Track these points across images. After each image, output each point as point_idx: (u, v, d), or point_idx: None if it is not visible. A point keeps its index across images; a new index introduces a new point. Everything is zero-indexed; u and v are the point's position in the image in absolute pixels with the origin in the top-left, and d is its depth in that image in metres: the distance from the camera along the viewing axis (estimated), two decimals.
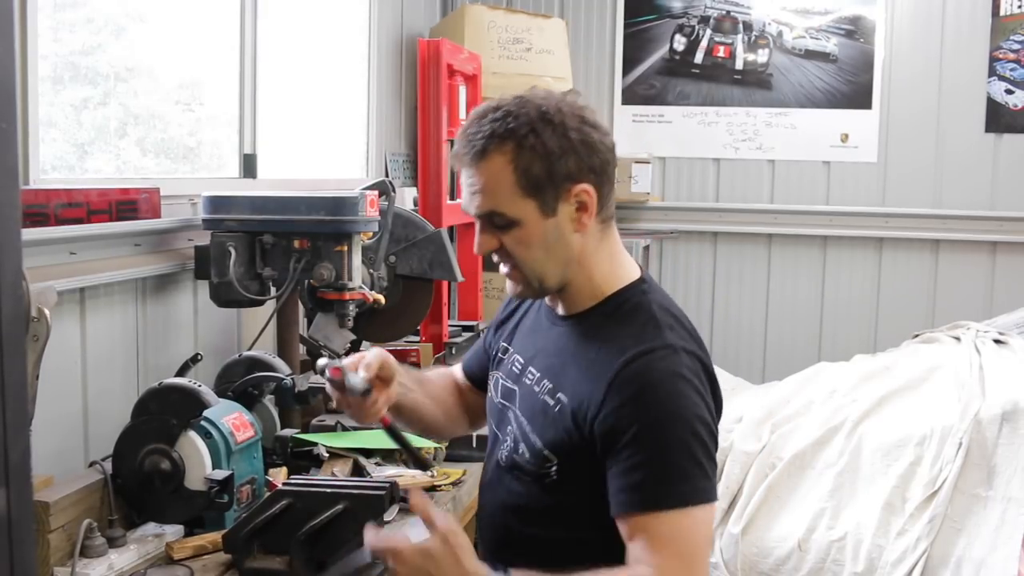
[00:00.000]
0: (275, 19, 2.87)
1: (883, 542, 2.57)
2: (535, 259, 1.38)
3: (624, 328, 1.36)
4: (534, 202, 1.34)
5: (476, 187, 1.35)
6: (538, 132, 1.32)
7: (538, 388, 1.43)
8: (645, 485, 1.27)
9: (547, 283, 1.40)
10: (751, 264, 4.29)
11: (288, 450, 1.99)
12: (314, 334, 2.32)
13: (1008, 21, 3.95)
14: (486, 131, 1.33)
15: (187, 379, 1.84)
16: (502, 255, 1.39)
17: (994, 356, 2.99)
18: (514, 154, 1.32)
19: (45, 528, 1.52)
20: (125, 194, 2.05)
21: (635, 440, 1.27)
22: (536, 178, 1.33)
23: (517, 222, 1.35)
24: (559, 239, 1.37)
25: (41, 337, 1.30)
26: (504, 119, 1.33)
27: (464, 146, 1.35)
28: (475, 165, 1.34)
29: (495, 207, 1.34)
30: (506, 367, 1.53)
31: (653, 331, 1.34)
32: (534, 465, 1.39)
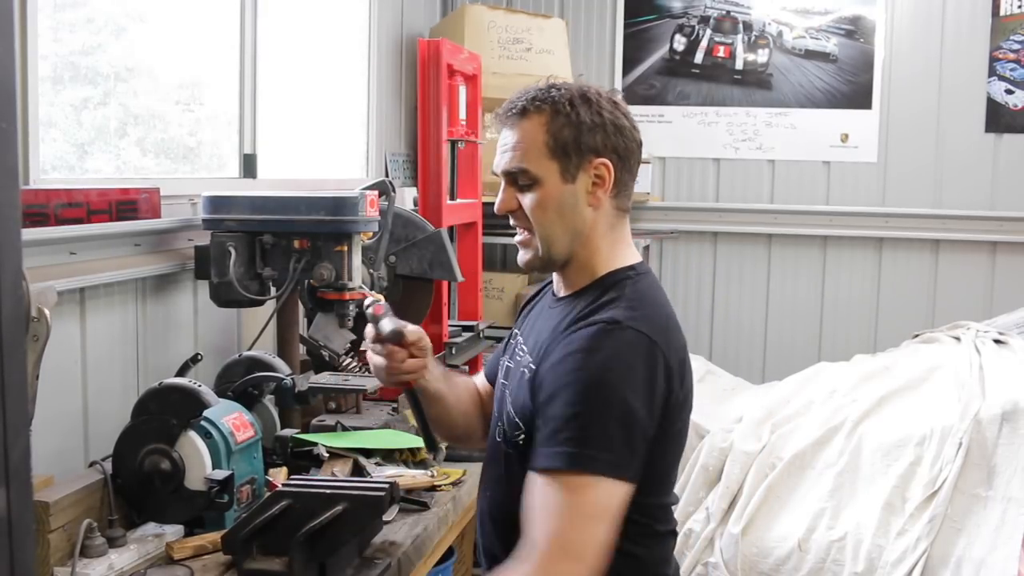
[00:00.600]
0: (275, 19, 2.87)
1: (883, 542, 2.57)
2: (548, 222, 1.44)
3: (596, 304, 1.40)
4: (557, 165, 1.42)
5: (510, 145, 1.44)
6: (575, 104, 1.42)
7: (524, 363, 1.48)
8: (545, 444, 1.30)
9: (554, 250, 1.45)
10: (751, 264, 4.29)
11: (288, 450, 2.00)
12: (314, 334, 2.32)
13: (1008, 21, 3.95)
14: (529, 96, 1.44)
15: (187, 379, 1.84)
16: (519, 217, 1.46)
17: (994, 356, 2.99)
18: (549, 118, 1.42)
19: (45, 528, 1.52)
20: (125, 194, 2.05)
21: (550, 399, 1.32)
22: (564, 142, 1.41)
23: (538, 181, 1.42)
24: (573, 208, 1.44)
25: (41, 337, 1.30)
26: (548, 89, 1.44)
27: (507, 108, 1.45)
28: (514, 124, 1.44)
29: (522, 163, 1.43)
30: (511, 349, 1.59)
31: (611, 307, 1.38)
32: (510, 434, 1.44)
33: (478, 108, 3.54)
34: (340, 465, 1.98)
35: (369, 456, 2.04)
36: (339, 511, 1.48)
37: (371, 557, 1.62)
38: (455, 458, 2.15)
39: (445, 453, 2.14)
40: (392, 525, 1.75)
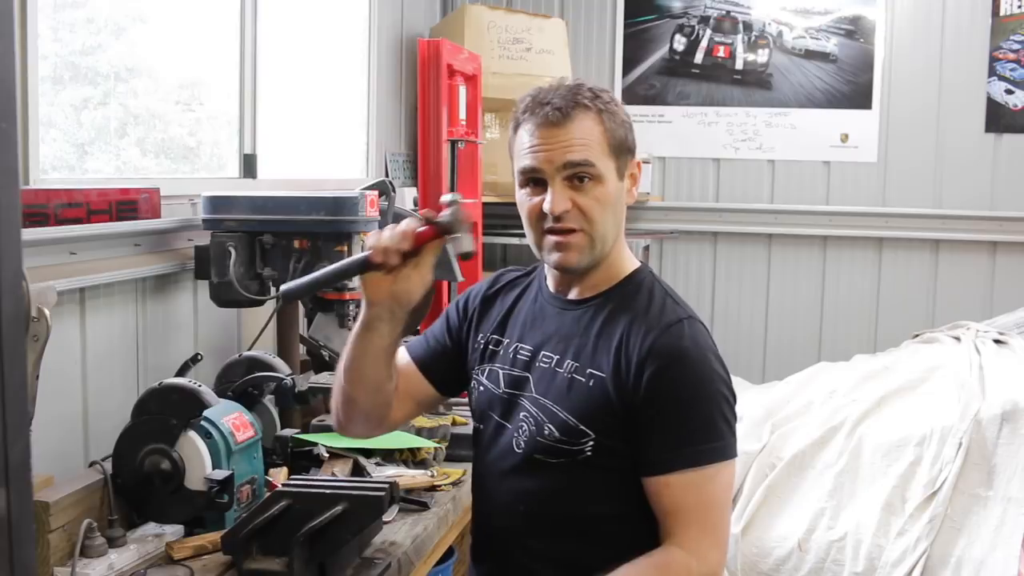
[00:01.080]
0: (275, 19, 2.87)
1: (883, 542, 2.57)
2: (606, 219, 1.44)
3: (647, 305, 1.45)
4: (614, 163, 1.44)
5: (567, 141, 1.40)
6: (614, 105, 1.45)
7: (561, 369, 1.46)
8: (681, 445, 1.35)
9: (606, 247, 1.46)
10: (751, 264, 4.29)
11: (288, 450, 1.99)
12: (314, 334, 2.32)
13: (1008, 21, 3.95)
14: (567, 95, 1.42)
15: (187, 379, 1.84)
16: (573, 215, 1.42)
17: (994, 356, 2.99)
18: (600, 117, 1.42)
19: (45, 528, 1.52)
20: (125, 194, 2.05)
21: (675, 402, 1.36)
22: (620, 141, 1.44)
23: (601, 178, 1.42)
24: (620, 205, 1.47)
25: (41, 337, 1.30)
26: (579, 88, 1.43)
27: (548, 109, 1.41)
28: (565, 122, 1.40)
29: (589, 157, 1.40)
30: (506, 357, 1.53)
31: (672, 306, 1.45)
32: (567, 443, 1.41)
33: (478, 108, 3.54)
34: (340, 465, 1.98)
35: (369, 456, 2.04)
36: (339, 511, 1.47)
37: (371, 557, 1.62)
38: (455, 458, 2.15)
39: (445, 453, 2.15)
40: (392, 525, 1.75)
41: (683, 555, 1.34)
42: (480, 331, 1.60)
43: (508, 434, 1.49)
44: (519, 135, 1.46)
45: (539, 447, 1.44)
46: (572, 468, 1.41)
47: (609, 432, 1.39)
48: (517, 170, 1.47)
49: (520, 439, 1.47)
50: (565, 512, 1.43)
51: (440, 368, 1.64)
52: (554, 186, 1.41)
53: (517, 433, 1.47)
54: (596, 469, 1.40)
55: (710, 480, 1.36)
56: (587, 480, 1.41)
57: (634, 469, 1.39)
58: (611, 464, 1.40)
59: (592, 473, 1.41)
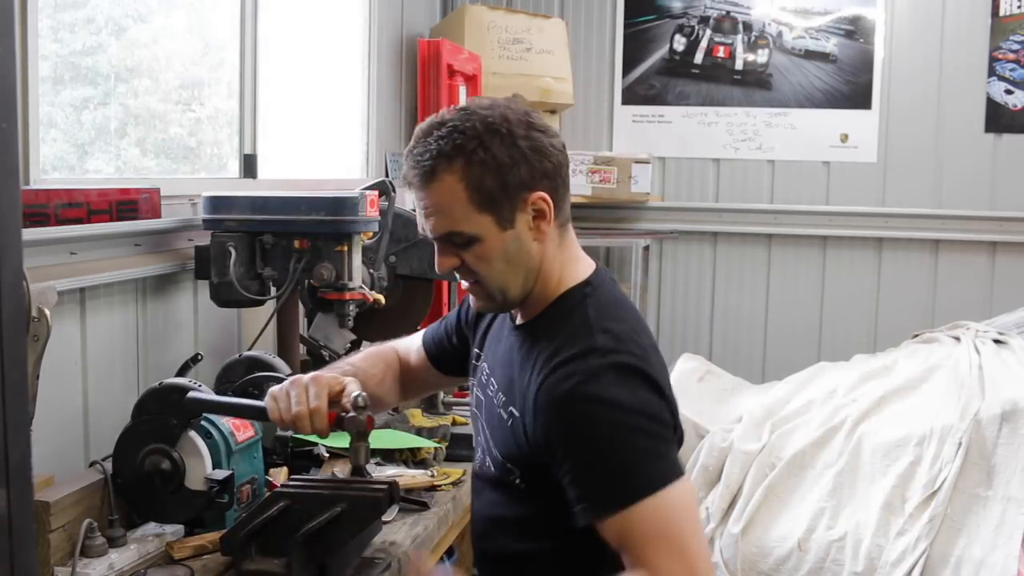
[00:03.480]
0: (275, 19, 2.87)
1: (883, 542, 2.57)
2: (497, 272, 1.36)
3: (557, 335, 1.34)
4: (490, 216, 1.32)
5: (430, 209, 1.33)
6: (487, 145, 1.29)
7: (496, 401, 1.43)
8: (597, 490, 1.25)
9: (510, 295, 1.39)
10: (751, 264, 4.29)
11: (288, 450, 1.99)
12: (314, 334, 2.32)
13: (1008, 21, 3.95)
14: (432, 150, 1.30)
15: (187, 379, 1.84)
16: (464, 272, 1.38)
17: (994, 356, 2.99)
18: (464, 171, 1.29)
19: (45, 528, 1.52)
20: (125, 194, 2.05)
21: (571, 451, 1.26)
22: (489, 192, 1.30)
23: (476, 238, 1.33)
24: (519, 250, 1.35)
25: (41, 337, 1.30)
26: (450, 136, 1.30)
27: (412, 168, 1.33)
28: (426, 187, 1.32)
29: (451, 227, 1.33)
30: (479, 376, 1.54)
31: (581, 336, 1.31)
32: (500, 475, 1.41)
33: None
34: (340, 465, 1.98)
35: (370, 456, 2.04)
36: (337, 512, 1.47)
37: (371, 557, 1.62)
38: (455, 458, 2.15)
39: (445, 453, 2.15)
40: (392, 525, 1.75)
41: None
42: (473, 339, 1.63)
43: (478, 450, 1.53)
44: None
45: (485, 474, 1.47)
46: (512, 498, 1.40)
47: (531, 472, 1.36)
48: None
49: (476, 462, 1.53)
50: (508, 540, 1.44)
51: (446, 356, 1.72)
52: (437, 248, 1.38)
53: (476, 455, 1.53)
54: (533, 502, 1.37)
55: (655, 510, 1.23)
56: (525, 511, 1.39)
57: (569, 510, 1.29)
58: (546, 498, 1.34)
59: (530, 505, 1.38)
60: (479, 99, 1.39)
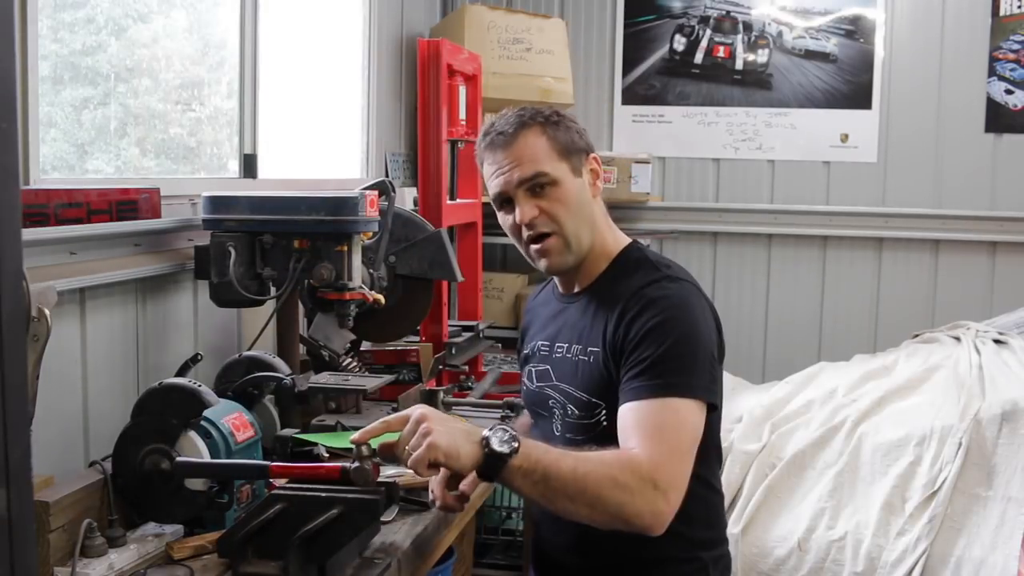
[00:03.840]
0: (275, 19, 2.87)
1: (883, 542, 2.57)
2: (574, 217, 1.57)
3: (632, 276, 1.57)
4: (567, 164, 1.58)
5: (516, 160, 1.56)
6: (556, 116, 1.61)
7: (570, 354, 1.61)
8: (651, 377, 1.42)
9: (582, 242, 1.59)
10: (751, 264, 4.29)
11: (288, 450, 1.99)
12: (314, 334, 2.32)
13: (1008, 21, 3.95)
14: (512, 119, 1.58)
15: (187, 379, 1.84)
16: (542, 221, 1.57)
17: (994, 356, 2.99)
18: (543, 128, 1.57)
19: (45, 528, 1.52)
20: (125, 194, 2.05)
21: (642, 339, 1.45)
22: (566, 143, 1.58)
23: (557, 181, 1.56)
24: (586, 200, 1.61)
25: (41, 337, 1.30)
26: (523, 110, 1.59)
27: (498, 132, 1.57)
28: (512, 142, 1.56)
29: (538, 167, 1.55)
30: (535, 356, 1.71)
31: (655, 271, 1.57)
32: (586, 417, 1.55)
33: (478, 108, 3.54)
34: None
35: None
36: (335, 514, 1.47)
37: (371, 557, 1.62)
38: None
39: None
40: (392, 525, 1.75)
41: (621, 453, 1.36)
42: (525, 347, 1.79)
43: (548, 422, 1.66)
44: (484, 168, 1.62)
45: (568, 426, 1.60)
46: (594, 441, 1.49)
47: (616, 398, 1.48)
48: (492, 199, 1.64)
49: (556, 423, 1.64)
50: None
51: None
52: (518, 200, 1.57)
53: (554, 419, 1.64)
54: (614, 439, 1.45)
55: (673, 410, 1.39)
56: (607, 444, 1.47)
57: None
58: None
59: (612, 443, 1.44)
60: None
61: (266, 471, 1.58)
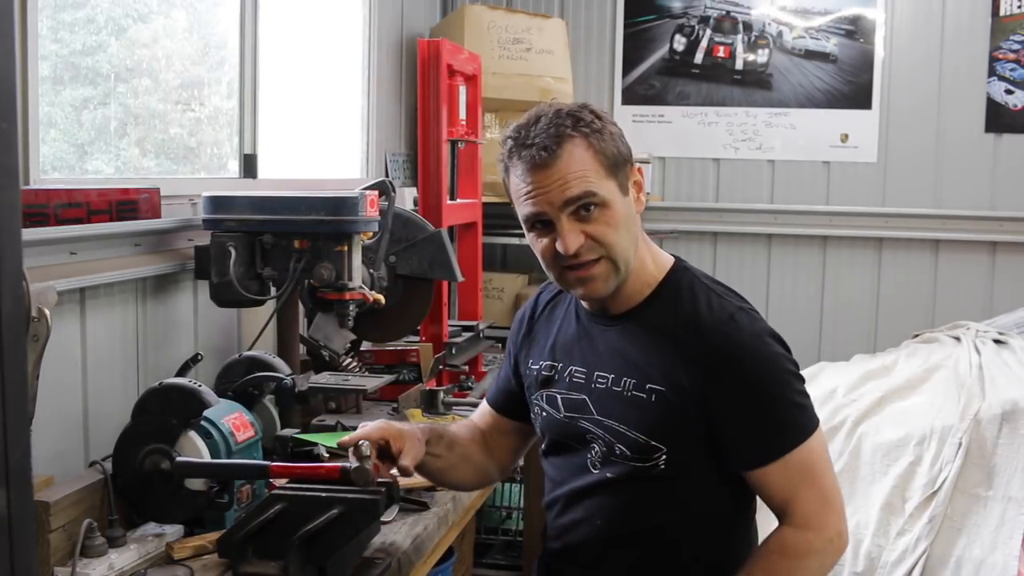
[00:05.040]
0: (275, 19, 2.87)
1: (883, 542, 2.57)
2: (623, 239, 1.42)
3: (692, 306, 1.44)
4: (615, 182, 1.41)
5: (562, 180, 1.37)
6: (597, 121, 1.41)
7: (619, 388, 1.46)
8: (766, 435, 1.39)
9: (630, 264, 1.44)
10: (751, 264, 4.29)
11: (288, 450, 1.99)
12: (314, 334, 2.32)
13: (1008, 21, 3.95)
14: (551, 129, 1.37)
15: (187, 379, 1.84)
16: (588, 247, 1.40)
17: (994, 356, 2.99)
18: (587, 141, 1.38)
19: (45, 528, 1.52)
20: (125, 194, 2.05)
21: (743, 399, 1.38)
22: (612, 156, 1.40)
23: (606, 203, 1.39)
24: (633, 219, 1.45)
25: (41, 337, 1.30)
26: (560, 116, 1.39)
27: (537, 148, 1.37)
28: (555, 160, 1.36)
29: (588, 187, 1.37)
30: (563, 383, 1.55)
31: (717, 301, 1.44)
32: (639, 460, 1.44)
33: (478, 108, 3.54)
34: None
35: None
36: (335, 514, 1.47)
37: (371, 557, 1.62)
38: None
39: None
40: (392, 525, 1.75)
41: (794, 532, 1.39)
42: (531, 357, 1.64)
43: (579, 455, 1.52)
44: (512, 179, 1.43)
45: (613, 466, 1.47)
46: (647, 482, 1.45)
47: (681, 443, 1.42)
48: (521, 216, 1.44)
49: (595, 460, 1.50)
50: (641, 524, 1.48)
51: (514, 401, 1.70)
52: (561, 225, 1.38)
53: (591, 454, 1.50)
54: (669, 480, 1.44)
55: (806, 453, 1.39)
56: (661, 492, 1.45)
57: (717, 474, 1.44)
58: (684, 473, 1.44)
59: (666, 484, 1.44)
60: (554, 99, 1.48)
61: (266, 471, 1.58)
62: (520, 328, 1.69)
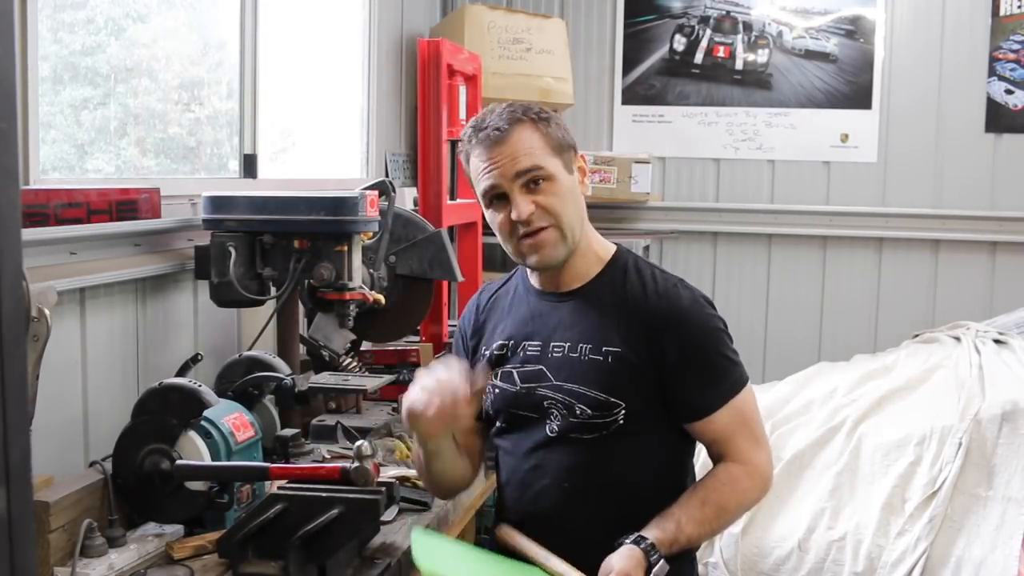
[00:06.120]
0: (275, 19, 2.87)
1: (883, 542, 2.57)
2: (569, 210, 1.59)
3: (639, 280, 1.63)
4: (559, 160, 1.59)
5: (512, 155, 1.56)
6: (545, 112, 1.62)
7: (576, 353, 1.60)
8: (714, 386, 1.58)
9: (576, 236, 1.61)
10: (751, 264, 4.29)
11: (288, 450, 1.99)
12: (314, 334, 2.32)
13: (1008, 21, 3.95)
14: (505, 115, 1.58)
15: (187, 379, 1.84)
16: (539, 215, 1.57)
17: (994, 356, 2.99)
18: (535, 124, 1.59)
19: (45, 528, 1.52)
20: (125, 194, 2.05)
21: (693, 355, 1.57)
22: (558, 140, 1.60)
23: (552, 176, 1.58)
24: (578, 195, 1.63)
25: (41, 337, 1.30)
26: (512, 106, 1.60)
27: (489, 131, 1.57)
28: (506, 138, 1.56)
29: (535, 162, 1.56)
30: (517, 358, 1.66)
31: (661, 276, 1.65)
32: (599, 416, 1.57)
33: (478, 108, 3.54)
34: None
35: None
36: (335, 514, 1.47)
37: (371, 557, 1.62)
38: None
39: None
40: (392, 525, 1.75)
41: (740, 467, 1.58)
42: (480, 345, 1.73)
43: (537, 423, 1.62)
44: (472, 163, 1.62)
45: (573, 426, 1.58)
46: (607, 439, 1.57)
47: (638, 397, 1.56)
48: (479, 194, 1.62)
49: (552, 424, 1.61)
50: (604, 478, 1.59)
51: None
52: (514, 195, 1.57)
53: (549, 419, 1.61)
54: (628, 435, 1.56)
55: (742, 402, 1.60)
56: (623, 448, 1.57)
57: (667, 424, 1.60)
58: (642, 428, 1.57)
59: (626, 440, 1.57)
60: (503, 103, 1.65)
61: (266, 473, 1.58)
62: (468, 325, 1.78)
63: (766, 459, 1.63)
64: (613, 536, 1.49)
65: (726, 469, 1.60)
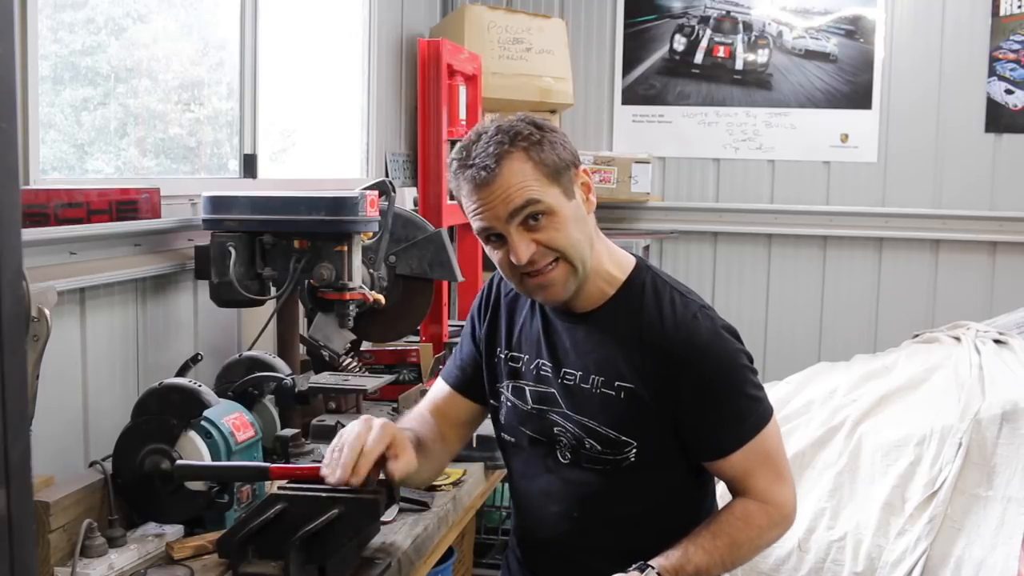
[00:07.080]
0: (275, 19, 2.87)
1: (883, 542, 2.57)
2: (575, 240, 1.45)
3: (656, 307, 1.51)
4: (558, 187, 1.44)
5: (504, 194, 1.41)
6: (536, 133, 1.45)
7: (587, 385, 1.52)
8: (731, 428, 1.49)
9: (587, 263, 1.48)
10: (751, 264, 4.29)
11: (288, 450, 1.99)
12: (314, 334, 2.32)
13: (1008, 21, 3.95)
14: (491, 146, 1.42)
15: (187, 379, 1.84)
16: (541, 254, 1.44)
17: (994, 356, 2.99)
18: (526, 153, 1.42)
19: (45, 528, 1.52)
20: (125, 194, 2.05)
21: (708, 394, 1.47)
22: (553, 163, 1.44)
23: (551, 209, 1.43)
24: (582, 220, 1.48)
25: (41, 337, 1.30)
26: (499, 133, 1.44)
27: (479, 167, 1.42)
28: (497, 175, 1.41)
29: (530, 196, 1.41)
30: (530, 374, 1.60)
31: (680, 300, 1.51)
32: (611, 453, 1.50)
33: (478, 108, 3.54)
34: None
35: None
36: (335, 514, 1.47)
37: (371, 557, 1.62)
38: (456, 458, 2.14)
39: None
40: (392, 525, 1.75)
41: (757, 504, 1.50)
42: (496, 343, 1.67)
43: (547, 448, 1.58)
44: (460, 198, 1.49)
45: (584, 458, 1.53)
46: (619, 472, 1.51)
47: (651, 436, 1.49)
48: (474, 231, 1.50)
49: (564, 451, 1.56)
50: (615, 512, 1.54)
51: (478, 385, 1.71)
52: (511, 236, 1.43)
53: (559, 445, 1.56)
54: (641, 471, 1.50)
55: (763, 440, 1.50)
56: (635, 481, 1.52)
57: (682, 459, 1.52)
58: (655, 463, 1.51)
59: (639, 475, 1.51)
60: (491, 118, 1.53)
61: (266, 473, 1.58)
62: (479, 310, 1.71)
63: (788, 495, 1.53)
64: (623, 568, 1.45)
65: (743, 504, 1.51)
